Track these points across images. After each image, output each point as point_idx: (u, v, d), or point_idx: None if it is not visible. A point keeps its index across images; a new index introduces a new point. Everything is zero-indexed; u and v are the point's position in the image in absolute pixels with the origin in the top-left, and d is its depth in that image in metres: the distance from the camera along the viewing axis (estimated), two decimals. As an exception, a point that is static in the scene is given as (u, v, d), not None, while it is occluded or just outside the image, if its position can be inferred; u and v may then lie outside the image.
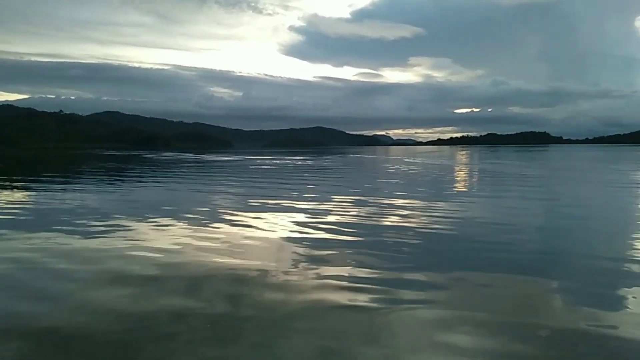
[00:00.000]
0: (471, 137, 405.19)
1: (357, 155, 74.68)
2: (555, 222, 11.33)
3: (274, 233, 9.20)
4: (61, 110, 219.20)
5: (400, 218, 10.91)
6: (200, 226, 9.83)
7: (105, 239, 8.56)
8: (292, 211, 11.99)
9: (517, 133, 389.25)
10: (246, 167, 38.26)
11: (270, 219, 10.82)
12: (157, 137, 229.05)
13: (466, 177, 27.57)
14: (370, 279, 6.11)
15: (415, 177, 26.23)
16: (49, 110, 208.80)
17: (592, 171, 32.17)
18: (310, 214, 11.46)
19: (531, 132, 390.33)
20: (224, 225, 9.95)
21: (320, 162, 47.39)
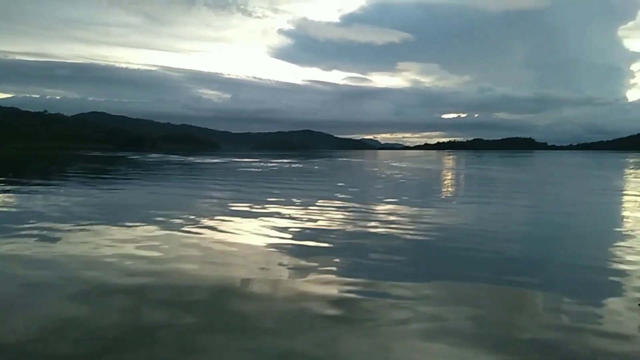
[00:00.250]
0: (458, 142, 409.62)
1: (345, 159, 74.74)
2: (539, 229, 11.32)
3: (254, 240, 9.00)
4: (46, 110, 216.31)
5: (385, 224, 10.79)
6: (176, 231, 9.59)
7: (67, 245, 8.27)
8: (274, 217, 11.79)
9: (503, 139, 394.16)
10: (232, 170, 37.94)
11: (251, 224, 10.62)
12: (143, 138, 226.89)
13: (452, 182, 27.68)
14: (353, 288, 5.96)
15: (402, 182, 26.21)
16: (33, 110, 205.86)
17: (576, 177, 32.52)
18: (294, 220, 11.28)
19: (517, 137, 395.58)
20: (203, 231, 9.71)
21: (307, 166, 47.22)
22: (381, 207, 13.94)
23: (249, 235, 9.33)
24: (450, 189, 22.27)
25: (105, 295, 5.63)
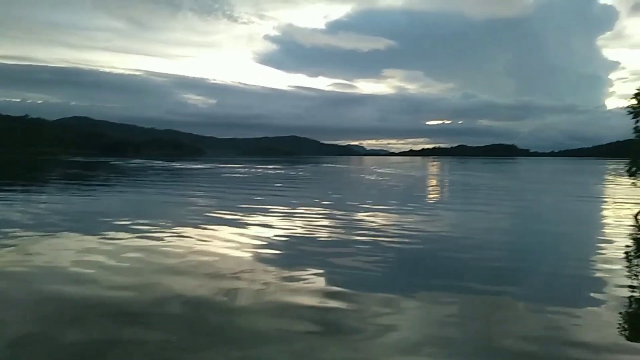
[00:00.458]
0: (442, 148, 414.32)
1: (330, 165, 74.67)
2: (520, 237, 11.32)
3: (232, 249, 8.72)
4: (27, 115, 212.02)
5: (368, 232, 10.63)
6: (150, 240, 9.28)
7: (30, 256, 7.91)
8: (255, 225, 11.54)
9: (486, 145, 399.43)
10: (216, 176, 37.52)
11: (231, 233, 10.33)
12: (127, 143, 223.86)
13: (436, 189, 27.77)
14: (335, 298, 5.78)
15: (387, 189, 26.17)
16: (14, 115, 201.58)
17: (557, 184, 32.91)
18: (274, 228, 11.04)
19: (500, 144, 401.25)
20: (177, 240, 9.40)
21: (292, 172, 46.99)
22: (364, 215, 13.79)
23: (226, 245, 9.06)
24: (434, 196, 22.27)
25: (70, 310, 5.33)
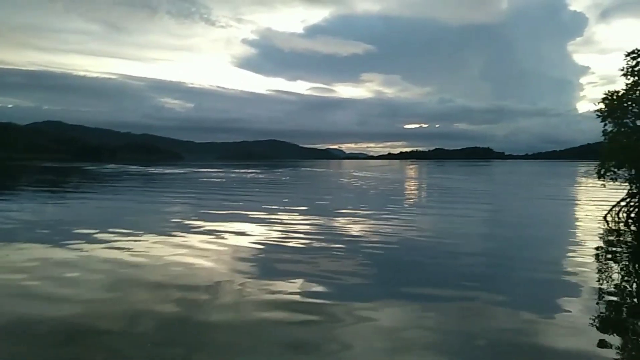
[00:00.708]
0: (420, 151, 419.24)
1: (309, 169, 74.50)
2: (496, 241, 11.36)
3: (202, 259, 8.49)
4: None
5: (345, 239, 10.53)
6: (117, 250, 8.97)
7: None
8: (230, 233, 11.30)
9: (463, 148, 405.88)
10: (192, 181, 36.92)
11: (204, 242, 10.08)
12: (102, 148, 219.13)
13: (414, 193, 27.91)
14: (310, 310, 5.59)
15: (365, 193, 26.15)
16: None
17: (531, 187, 33.52)
18: (250, 236, 10.82)
19: (476, 147, 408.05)
20: (148, 250, 9.11)
21: (270, 176, 46.64)
22: (341, 220, 13.69)
23: (199, 254, 8.80)
24: (411, 200, 22.34)
25: (28, 328, 5.03)
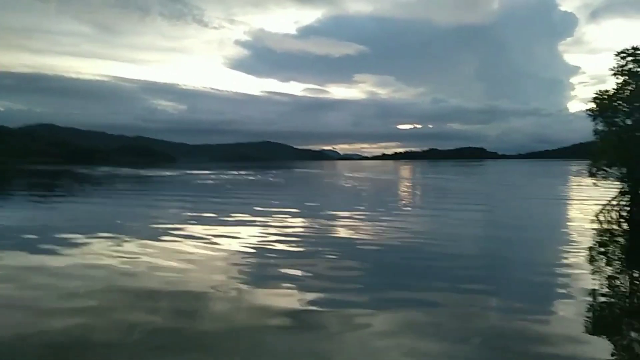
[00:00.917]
0: (414, 152, 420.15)
1: (303, 170, 74.49)
2: (490, 241, 11.46)
3: (192, 263, 8.46)
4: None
5: (338, 241, 10.59)
6: (106, 256, 8.91)
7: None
8: (221, 236, 11.27)
9: (456, 148, 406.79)
10: (185, 184, 36.78)
11: (193, 246, 10.05)
12: (95, 151, 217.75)
13: (408, 193, 27.99)
14: (305, 316, 5.54)
15: (359, 195, 26.20)
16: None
17: (524, 186, 33.74)
18: (239, 239, 10.79)
19: (469, 147, 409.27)
20: (139, 256, 9.07)
21: (264, 178, 46.56)
22: (335, 222, 13.74)
23: (190, 258, 8.78)
24: (405, 202, 22.41)
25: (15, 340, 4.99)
